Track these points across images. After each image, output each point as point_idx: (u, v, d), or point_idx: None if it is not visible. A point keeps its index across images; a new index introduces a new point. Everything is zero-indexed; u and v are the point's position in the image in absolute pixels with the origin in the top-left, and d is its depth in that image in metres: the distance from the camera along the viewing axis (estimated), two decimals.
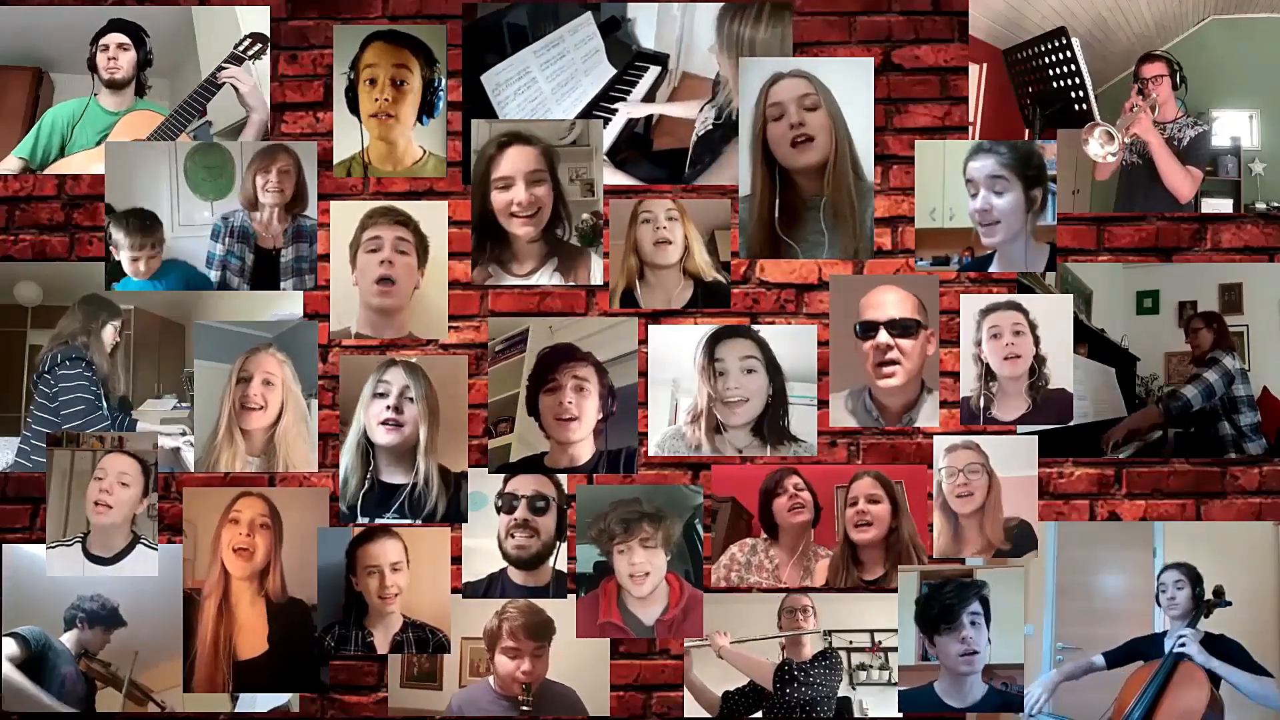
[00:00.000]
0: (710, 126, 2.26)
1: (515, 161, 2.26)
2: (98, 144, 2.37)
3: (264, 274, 2.34)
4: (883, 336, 2.25)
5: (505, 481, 2.27)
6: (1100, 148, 2.28)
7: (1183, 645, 2.20)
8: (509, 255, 2.30)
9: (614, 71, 2.31)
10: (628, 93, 2.31)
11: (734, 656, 2.25)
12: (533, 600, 2.26)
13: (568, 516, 2.28)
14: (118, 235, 2.32)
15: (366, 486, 2.26)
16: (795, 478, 2.26)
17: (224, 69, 2.34)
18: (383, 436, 2.24)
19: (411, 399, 2.24)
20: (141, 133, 2.37)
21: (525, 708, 2.23)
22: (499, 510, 2.26)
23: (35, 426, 2.31)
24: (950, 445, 2.27)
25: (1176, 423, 2.28)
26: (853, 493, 2.26)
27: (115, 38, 2.37)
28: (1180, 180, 2.31)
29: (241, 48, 2.35)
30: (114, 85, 2.38)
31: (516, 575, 2.27)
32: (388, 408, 2.23)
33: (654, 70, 2.30)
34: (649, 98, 2.31)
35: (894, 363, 2.24)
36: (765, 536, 2.28)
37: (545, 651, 2.25)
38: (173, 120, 2.35)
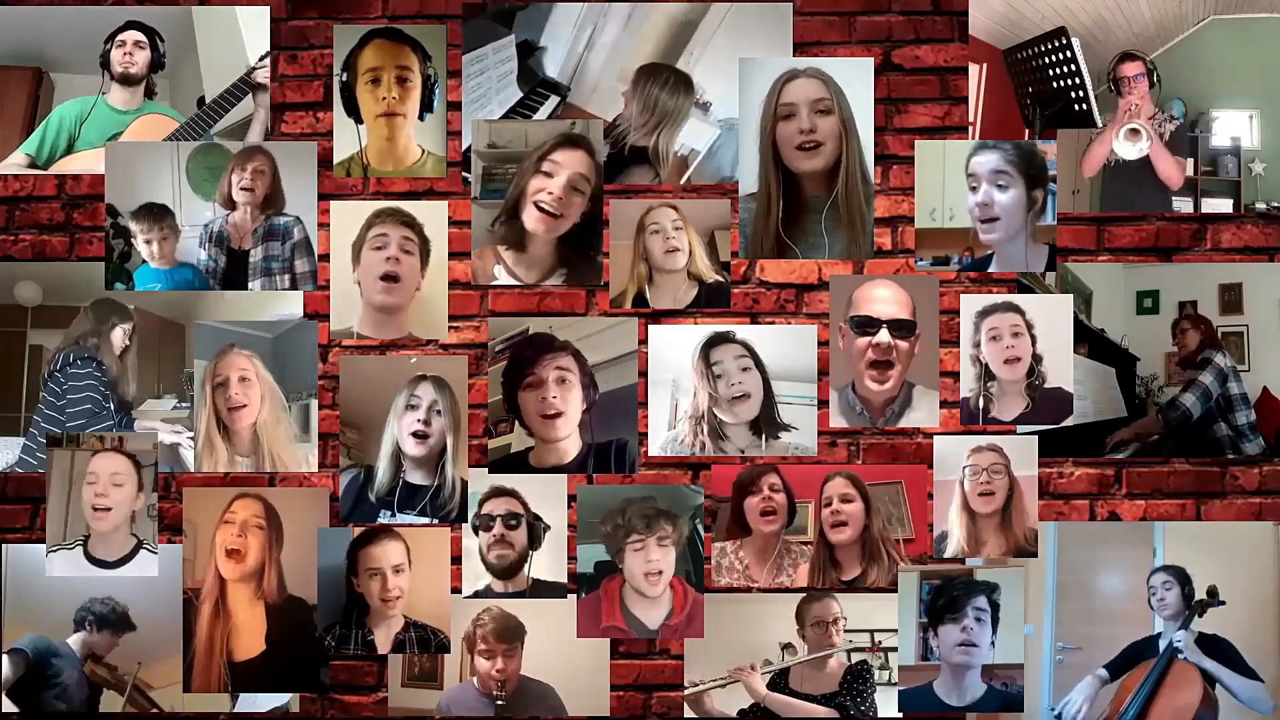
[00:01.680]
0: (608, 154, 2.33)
1: (569, 159, 2.27)
2: (106, 143, 2.37)
3: (235, 276, 2.34)
4: (884, 336, 2.25)
5: (481, 503, 2.28)
6: (1131, 145, 2.31)
7: (1179, 642, 2.20)
8: (519, 250, 2.30)
9: (520, 95, 2.35)
10: (528, 118, 2.34)
11: (783, 706, 2.24)
12: (504, 606, 2.28)
13: (567, 517, 2.28)
14: (132, 225, 2.33)
15: (399, 485, 2.28)
16: (773, 477, 2.26)
17: (259, 68, 2.34)
18: (413, 448, 2.27)
19: (439, 412, 2.27)
20: (155, 136, 2.37)
21: (500, 702, 2.25)
22: (476, 530, 2.28)
23: (44, 425, 2.31)
24: (975, 446, 2.27)
25: (1178, 433, 2.29)
26: (826, 493, 2.26)
27: (132, 35, 2.38)
28: (1172, 168, 2.32)
29: (265, 61, 2.35)
30: (127, 80, 2.38)
31: (497, 585, 2.29)
32: (418, 420, 2.26)
33: (554, 100, 2.34)
34: None
35: (890, 365, 2.25)
36: (735, 538, 2.28)
37: (517, 651, 2.28)
38: (203, 116, 2.35)
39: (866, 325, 2.26)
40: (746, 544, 2.28)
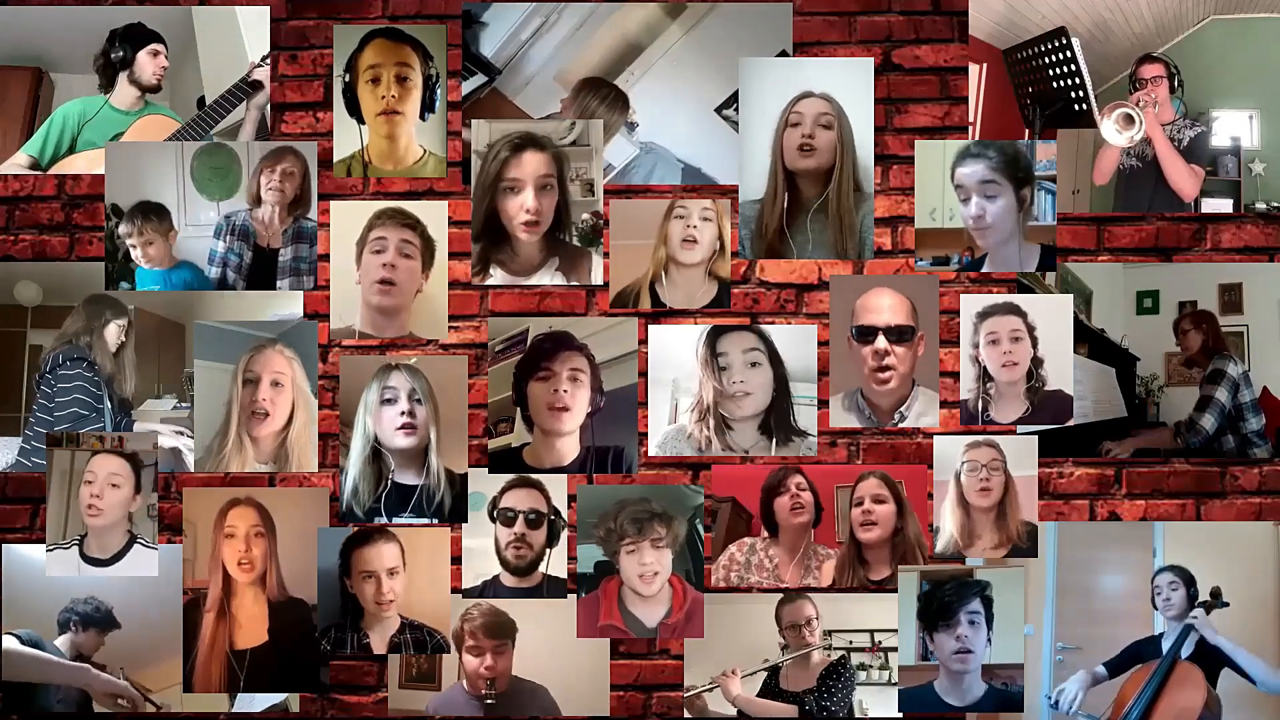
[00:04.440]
0: None
1: (528, 166, 2.27)
2: (107, 143, 2.37)
3: (261, 273, 2.34)
4: (881, 342, 2.26)
5: (501, 494, 2.27)
6: (1118, 132, 2.28)
7: (1194, 619, 2.20)
8: (510, 257, 2.31)
9: None
10: None
11: (750, 706, 2.25)
12: (494, 602, 2.27)
13: (567, 517, 2.28)
14: (123, 227, 2.32)
15: (386, 488, 2.26)
16: (799, 477, 2.27)
17: (260, 67, 2.34)
18: (401, 440, 2.24)
19: (420, 400, 2.25)
20: (157, 137, 2.37)
21: (490, 702, 2.24)
22: (494, 520, 2.27)
23: (36, 427, 2.31)
24: (973, 442, 2.27)
25: (1196, 452, 2.29)
26: (858, 493, 2.27)
27: (159, 46, 2.38)
28: (1185, 178, 2.31)
29: (267, 61, 2.36)
30: (153, 90, 2.39)
31: (509, 579, 2.28)
32: (402, 413, 2.24)
33: (479, 79, 2.35)
34: (465, 100, 2.35)
35: (890, 368, 2.26)
36: (765, 536, 2.29)
37: (507, 649, 2.26)
38: (205, 116, 2.36)
39: (865, 334, 2.27)
40: (775, 543, 2.29)
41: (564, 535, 2.28)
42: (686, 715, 2.28)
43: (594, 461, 2.28)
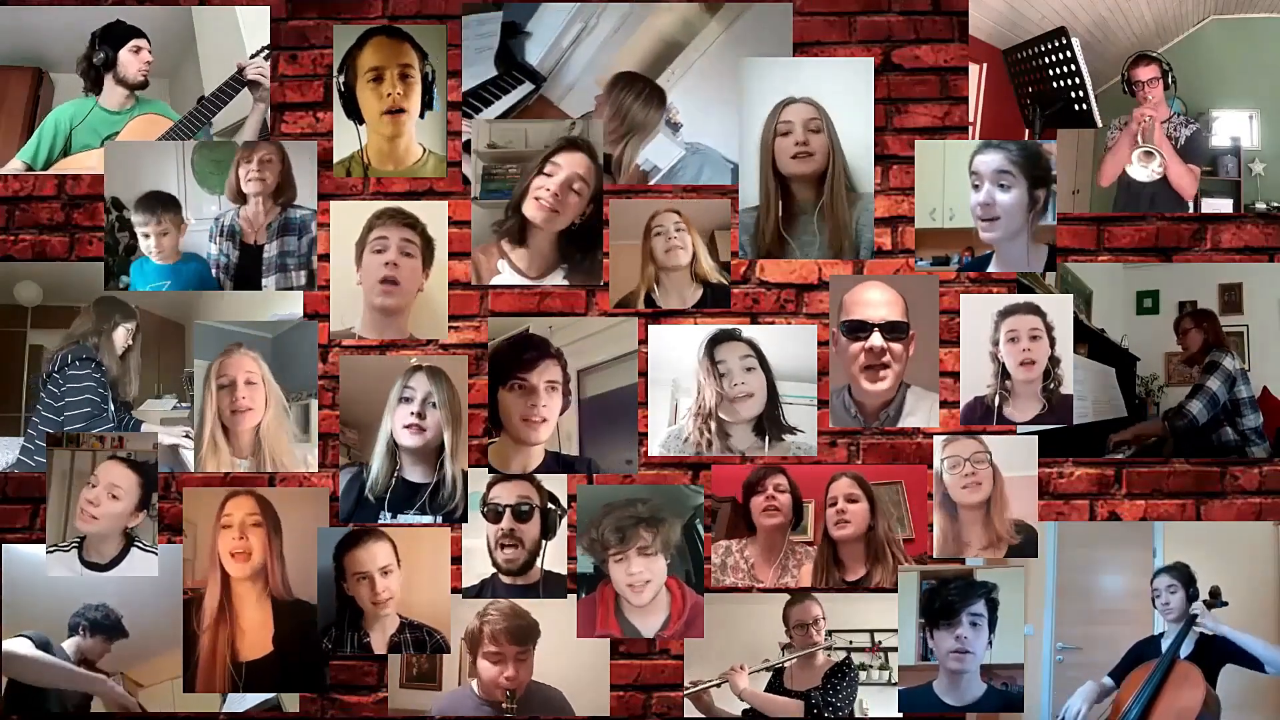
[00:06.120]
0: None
1: (569, 161, 2.28)
2: (103, 144, 2.36)
3: (248, 272, 2.34)
4: (876, 339, 2.25)
5: (488, 489, 2.27)
6: (1144, 168, 2.31)
7: (1197, 611, 2.21)
8: (521, 245, 2.30)
9: (494, 73, 2.36)
10: (498, 96, 2.35)
11: (757, 700, 2.24)
12: (517, 602, 2.25)
13: (568, 516, 2.28)
14: (135, 217, 2.32)
15: (393, 484, 2.26)
16: (779, 478, 2.26)
17: (254, 64, 2.34)
18: (407, 439, 2.24)
19: (434, 405, 2.25)
20: (151, 136, 2.36)
21: (508, 715, 2.21)
22: (485, 517, 2.27)
23: (40, 426, 2.31)
24: (950, 437, 2.27)
25: (1183, 439, 2.28)
26: (832, 493, 2.26)
27: (141, 41, 2.37)
28: (1186, 179, 2.32)
29: (263, 54, 2.35)
30: (141, 87, 2.39)
31: (505, 577, 2.27)
32: (412, 413, 2.24)
33: (527, 86, 2.35)
34: (513, 109, 2.35)
35: (885, 366, 2.25)
36: (743, 536, 2.28)
37: (529, 655, 2.24)
38: (196, 114, 2.35)
39: (858, 329, 2.26)
40: (751, 543, 2.28)
41: (562, 526, 2.27)
42: (687, 714, 2.28)
43: (561, 469, 2.28)
